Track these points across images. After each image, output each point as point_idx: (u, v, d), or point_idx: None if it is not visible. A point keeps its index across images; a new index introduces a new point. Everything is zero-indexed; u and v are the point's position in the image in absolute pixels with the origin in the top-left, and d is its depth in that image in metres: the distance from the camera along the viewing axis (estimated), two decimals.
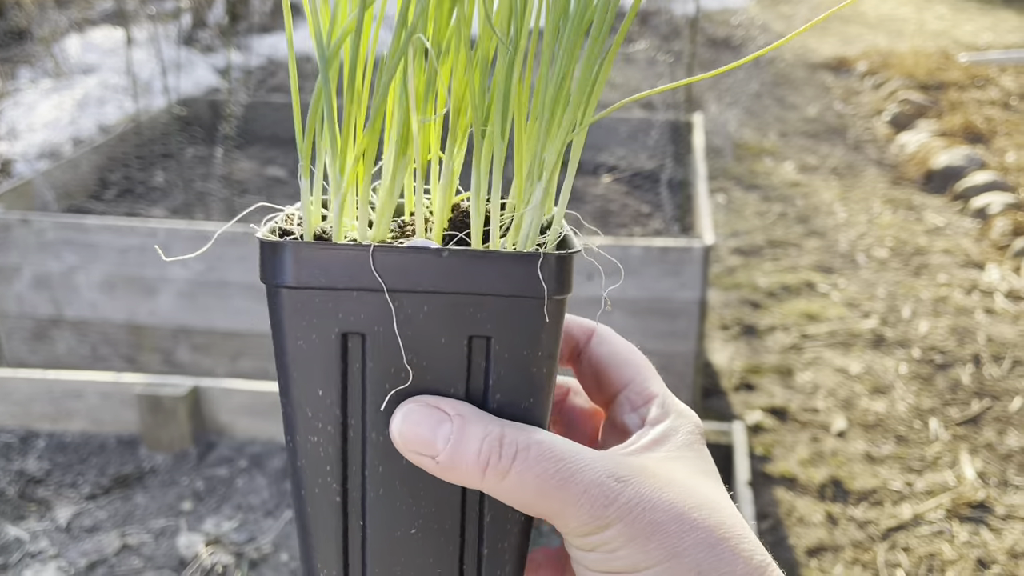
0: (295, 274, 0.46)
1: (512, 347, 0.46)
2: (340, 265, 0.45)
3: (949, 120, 5.91)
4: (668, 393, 0.55)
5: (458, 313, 0.46)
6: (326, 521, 0.50)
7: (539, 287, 0.45)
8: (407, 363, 0.46)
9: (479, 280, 0.45)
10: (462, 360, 0.47)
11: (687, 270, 2.76)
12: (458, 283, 0.45)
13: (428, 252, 0.45)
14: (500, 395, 0.47)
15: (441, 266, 0.45)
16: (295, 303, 0.46)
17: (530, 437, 0.46)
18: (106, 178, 4.03)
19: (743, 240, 4.36)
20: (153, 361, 3.11)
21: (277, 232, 0.50)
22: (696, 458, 0.50)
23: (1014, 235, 4.27)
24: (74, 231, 3.00)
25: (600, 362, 0.57)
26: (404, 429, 0.46)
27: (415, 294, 0.45)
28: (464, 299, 0.45)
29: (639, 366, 0.56)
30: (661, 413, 0.53)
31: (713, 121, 5.71)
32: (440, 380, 0.47)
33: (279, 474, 2.50)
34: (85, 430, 2.66)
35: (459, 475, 0.46)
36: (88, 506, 2.41)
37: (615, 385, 0.56)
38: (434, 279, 0.45)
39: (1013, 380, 3.24)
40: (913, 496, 2.67)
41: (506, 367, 0.47)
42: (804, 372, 3.28)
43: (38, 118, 5.47)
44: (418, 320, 0.46)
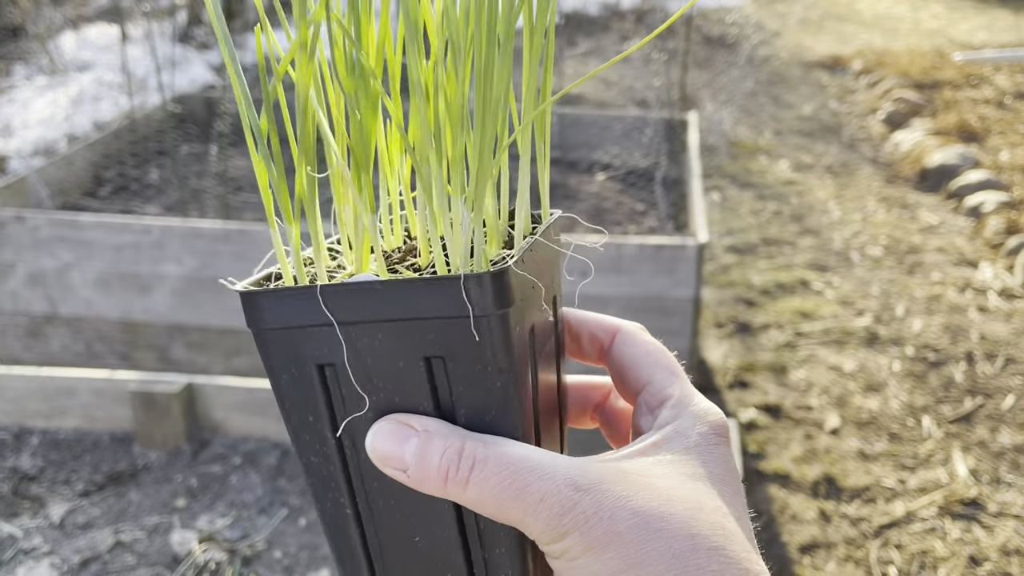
0: (267, 318, 0.51)
1: (463, 365, 0.49)
2: (298, 305, 0.49)
3: (943, 119, 5.93)
4: (689, 394, 0.53)
5: (408, 337, 0.48)
6: (345, 532, 0.54)
7: (464, 306, 0.47)
8: (361, 390, 0.50)
9: (417, 306, 0.48)
10: (424, 379, 0.49)
11: (681, 268, 2.77)
12: (400, 311, 0.48)
13: (368, 285, 0.48)
14: (464, 409, 0.50)
15: (381, 297, 0.48)
16: (272, 342, 0.51)
17: (489, 449, 0.47)
18: (101, 175, 4.03)
19: (737, 238, 4.37)
20: (148, 358, 3.11)
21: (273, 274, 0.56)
22: (694, 461, 0.49)
23: (1008, 233, 4.29)
24: (69, 228, 3.00)
25: (622, 363, 0.57)
26: (376, 446, 0.49)
27: (366, 324, 0.48)
28: (410, 324, 0.48)
29: (657, 367, 0.55)
30: (671, 415, 0.52)
31: (708, 119, 5.72)
32: (410, 399, 0.50)
33: (273, 471, 2.50)
34: (79, 427, 2.66)
35: (428, 487, 0.47)
36: (81, 503, 2.41)
37: (635, 386, 0.56)
38: (378, 309, 0.48)
39: (1006, 378, 3.25)
40: (906, 493, 2.68)
41: (463, 383, 0.49)
42: (798, 370, 3.29)
43: (33, 115, 5.46)
44: (375, 347, 0.49)
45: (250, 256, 2.93)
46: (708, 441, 0.50)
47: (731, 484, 0.49)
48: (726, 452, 0.50)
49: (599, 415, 0.62)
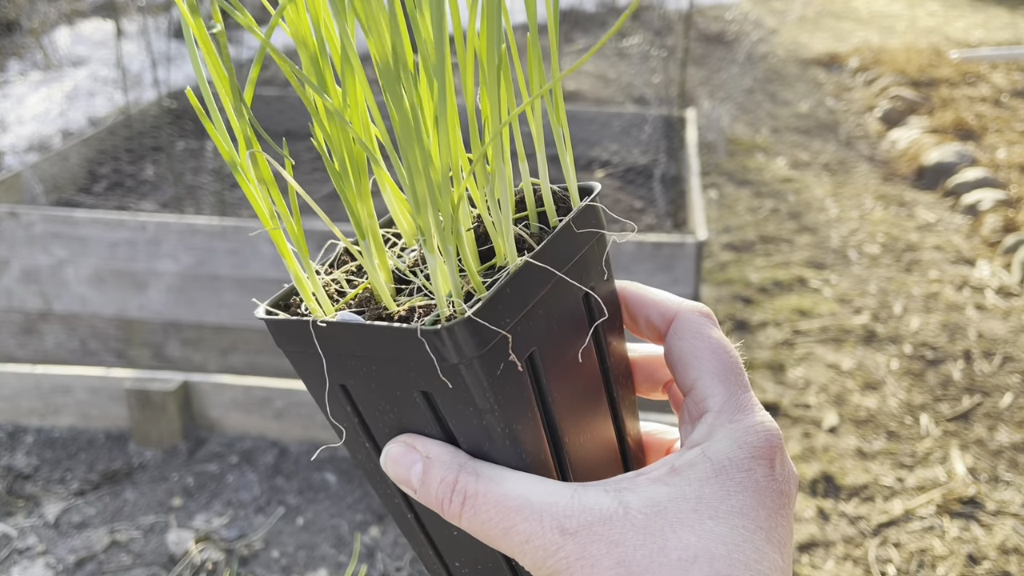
0: (280, 341, 0.52)
1: (448, 403, 0.48)
2: (298, 335, 0.50)
3: (940, 117, 5.93)
4: (732, 407, 0.48)
5: (396, 373, 0.48)
6: (408, 527, 0.57)
7: (427, 357, 0.46)
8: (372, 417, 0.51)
9: (395, 349, 0.47)
10: (425, 408, 0.49)
11: (680, 265, 2.76)
12: (382, 351, 0.48)
13: (349, 325, 0.48)
14: (463, 436, 0.49)
15: (361, 337, 0.48)
16: (296, 362, 0.52)
17: (480, 484, 0.46)
18: (95, 171, 4.00)
19: (735, 236, 4.36)
20: (143, 356, 3.09)
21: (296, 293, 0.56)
22: (716, 495, 0.44)
23: (1005, 231, 4.28)
24: (63, 224, 2.98)
25: (672, 358, 0.52)
26: (388, 466, 0.50)
27: (359, 357, 0.49)
28: (396, 362, 0.48)
29: (704, 370, 0.50)
30: (703, 434, 0.47)
31: (706, 116, 5.71)
32: (415, 422, 0.50)
33: (270, 470, 2.49)
34: (74, 425, 2.64)
35: (432, 509, 0.48)
36: (77, 502, 2.39)
37: (683, 388, 0.51)
38: (365, 347, 0.48)
39: (1003, 376, 3.25)
40: (904, 492, 2.68)
41: (452, 418, 0.49)
42: (796, 368, 3.28)
43: (27, 110, 5.43)
44: (371, 377, 0.49)
45: (246, 252, 2.92)
46: (739, 467, 0.45)
47: (754, 515, 0.44)
48: (762, 475, 0.45)
49: (667, 393, 0.58)
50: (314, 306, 0.53)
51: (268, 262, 2.92)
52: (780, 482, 0.46)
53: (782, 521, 0.45)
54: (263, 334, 3.00)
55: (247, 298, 2.97)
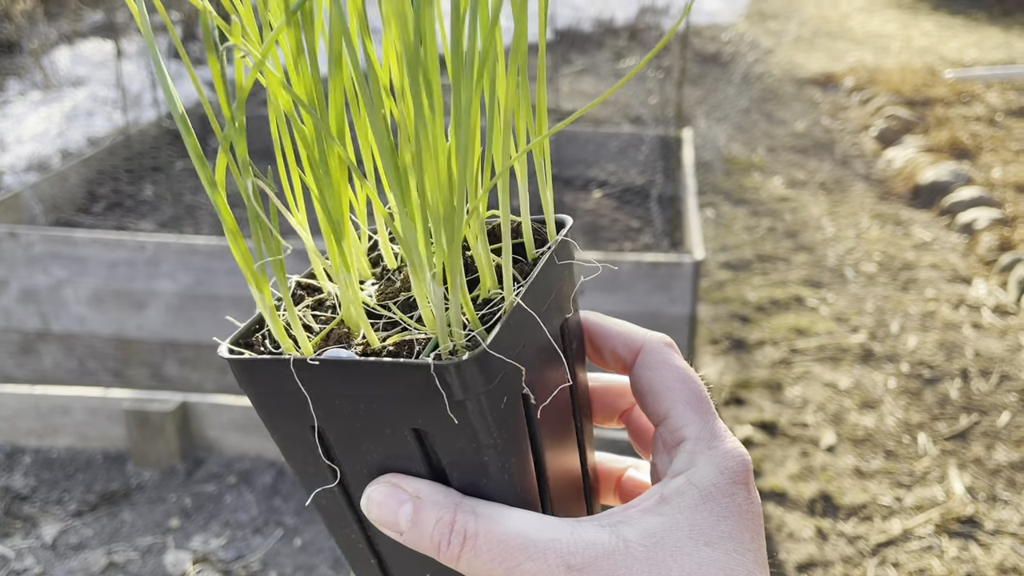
0: (249, 382, 0.49)
1: (445, 440, 0.47)
2: (273, 376, 0.48)
3: (935, 136, 5.96)
4: (707, 435, 0.49)
5: (390, 410, 0.47)
6: (363, 563, 0.55)
7: (437, 393, 0.44)
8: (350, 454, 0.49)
9: (392, 385, 0.45)
10: (414, 446, 0.48)
11: (677, 285, 2.77)
12: (375, 388, 0.46)
13: (341, 363, 0.46)
14: (457, 474, 0.48)
15: (353, 375, 0.46)
16: (261, 405, 0.50)
17: (480, 524, 0.46)
18: (95, 191, 4.02)
19: (732, 255, 4.37)
20: (141, 375, 3.09)
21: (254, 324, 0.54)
22: (706, 521, 0.46)
23: (1000, 250, 4.30)
24: (62, 244, 2.99)
25: (642, 388, 0.53)
26: (371, 509, 0.48)
27: (347, 396, 0.47)
28: (388, 399, 0.46)
29: (676, 399, 0.51)
30: (685, 462, 0.48)
31: (703, 136, 5.74)
32: (401, 461, 0.48)
33: (268, 490, 2.48)
34: (72, 446, 2.64)
35: (423, 552, 0.47)
36: (74, 523, 2.39)
37: (654, 418, 0.52)
38: (356, 385, 0.46)
39: (1001, 395, 3.26)
40: (902, 511, 2.68)
41: (448, 455, 0.48)
42: (793, 387, 3.29)
43: (26, 130, 5.45)
44: (359, 415, 0.47)
45: None
46: (723, 492, 0.47)
47: (741, 539, 0.46)
48: (743, 499, 0.47)
49: (624, 423, 0.59)
50: (287, 343, 0.50)
51: None
52: (755, 504, 0.48)
53: (761, 542, 0.48)
54: None
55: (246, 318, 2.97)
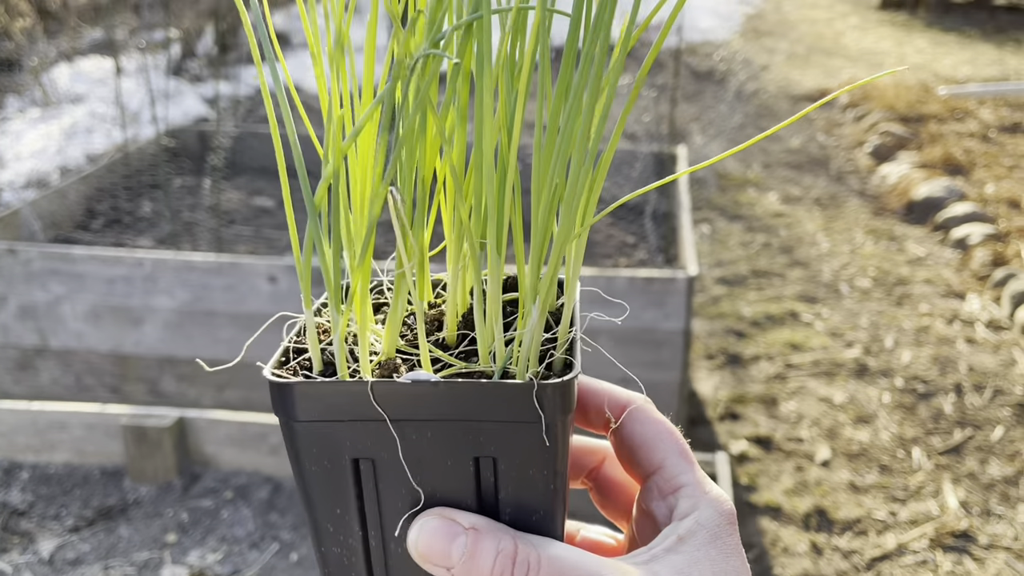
0: (303, 410, 0.48)
1: (517, 467, 0.48)
2: (343, 400, 0.47)
3: (929, 152, 6.01)
4: (699, 480, 0.53)
5: (461, 437, 0.47)
6: None
7: (536, 413, 0.46)
8: (416, 485, 0.49)
9: (477, 408, 0.46)
10: (470, 478, 0.48)
11: (671, 301, 2.79)
12: (457, 411, 0.47)
13: (426, 385, 0.46)
14: (511, 508, 0.49)
15: (439, 396, 0.46)
16: (306, 434, 0.49)
17: (541, 553, 0.46)
18: (93, 208, 4.04)
19: (727, 270, 4.40)
20: (138, 391, 3.10)
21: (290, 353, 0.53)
22: (718, 557, 0.50)
23: (994, 265, 4.33)
24: (60, 261, 3.01)
25: (632, 440, 0.56)
26: (420, 541, 0.48)
27: (417, 422, 0.47)
28: (465, 425, 0.47)
29: (670, 450, 0.55)
30: (689, 506, 0.52)
31: (697, 152, 5.78)
32: (452, 495, 0.49)
33: (264, 505, 2.49)
34: (69, 461, 2.64)
35: None
36: (71, 538, 2.39)
37: (646, 467, 0.55)
38: (433, 408, 0.47)
39: (994, 409, 3.28)
40: (897, 526, 2.69)
41: (514, 484, 0.48)
42: (788, 401, 3.30)
43: (25, 147, 5.48)
44: (423, 444, 0.48)
45: (242, 289, 2.94)
46: (725, 532, 0.51)
47: (743, 572, 0.51)
48: (737, 539, 0.52)
49: (592, 480, 0.62)
50: (344, 371, 0.50)
51: (264, 298, 2.94)
52: (740, 542, 0.53)
53: None
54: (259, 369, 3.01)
55: (243, 334, 2.99)
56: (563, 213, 0.50)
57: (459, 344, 0.54)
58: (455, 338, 0.55)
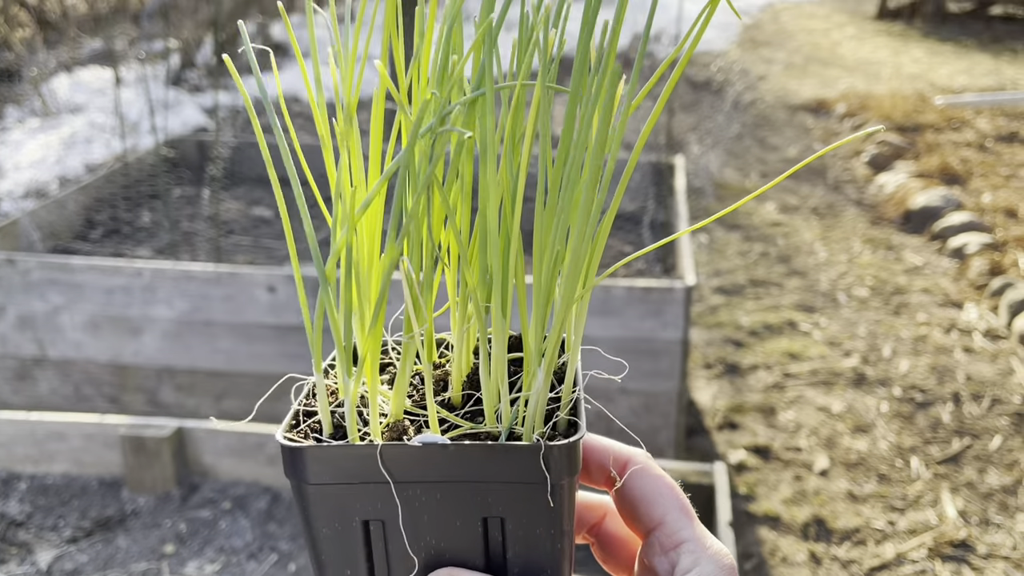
0: (315, 473, 0.49)
1: (525, 526, 0.49)
2: (353, 463, 0.48)
3: (926, 161, 6.02)
4: (700, 535, 0.55)
5: (470, 498, 0.49)
6: None
7: (542, 475, 0.47)
8: (423, 546, 0.50)
9: (486, 470, 0.48)
10: (479, 537, 0.50)
11: (669, 310, 2.79)
12: (466, 473, 0.48)
13: (435, 447, 0.47)
14: (519, 567, 0.50)
15: (448, 458, 0.47)
16: (317, 497, 0.50)
17: None
18: (92, 218, 4.05)
19: (725, 279, 4.41)
20: (136, 401, 3.10)
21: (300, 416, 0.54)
22: None
23: (991, 275, 4.34)
24: (59, 271, 3.01)
25: (634, 496, 0.57)
26: None
27: (427, 484, 0.48)
28: (474, 486, 0.48)
29: (671, 506, 0.56)
30: (690, 562, 0.53)
31: (695, 162, 5.80)
32: (461, 554, 0.50)
33: (263, 516, 2.49)
34: (67, 472, 2.64)
35: None
36: (69, 549, 2.39)
37: (647, 523, 0.56)
38: (443, 471, 0.48)
39: (992, 419, 3.28)
40: (896, 535, 2.69)
41: (522, 543, 0.50)
42: (787, 411, 3.31)
43: (24, 157, 5.49)
44: (432, 505, 0.49)
45: (241, 299, 2.95)
46: None
47: None
48: None
49: (593, 536, 0.63)
50: (355, 433, 0.50)
51: (263, 308, 2.95)
52: None
53: None
54: (257, 379, 3.02)
55: (241, 344, 2.99)
56: (565, 280, 0.52)
57: (465, 404, 0.56)
58: (460, 398, 0.56)
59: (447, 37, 0.52)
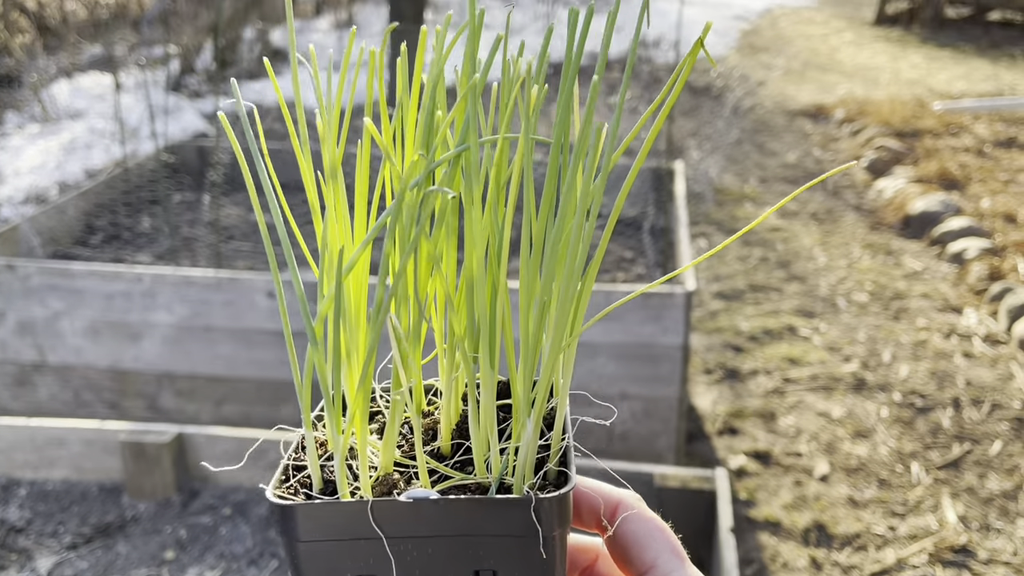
0: (306, 530, 0.49)
1: None
2: (344, 520, 0.48)
3: (925, 167, 6.03)
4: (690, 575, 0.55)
5: (461, 552, 0.49)
6: None
7: (534, 528, 0.47)
8: None
9: (477, 524, 0.48)
10: None
11: (669, 315, 2.79)
12: (457, 527, 0.48)
13: (426, 502, 0.48)
14: None
15: (439, 513, 0.48)
16: (308, 554, 0.50)
17: None
18: (92, 224, 4.05)
19: (725, 285, 4.41)
20: (137, 407, 3.10)
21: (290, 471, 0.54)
22: None
23: (990, 279, 4.35)
24: (59, 277, 3.01)
25: (626, 540, 0.57)
26: None
27: (418, 538, 0.48)
28: (465, 540, 0.48)
29: (663, 548, 0.56)
30: None
31: (694, 167, 5.80)
32: None
33: (263, 522, 2.49)
34: (67, 478, 2.64)
35: None
36: (69, 556, 2.39)
37: (639, 566, 0.56)
38: (433, 525, 0.48)
39: (992, 423, 3.28)
40: (896, 540, 2.69)
41: None
42: (787, 416, 3.30)
43: (25, 163, 5.49)
44: (424, 559, 0.49)
45: (241, 304, 2.95)
46: None
47: None
48: None
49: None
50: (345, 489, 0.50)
51: (263, 314, 2.95)
52: None
53: None
54: (257, 384, 3.02)
55: (241, 349, 2.99)
56: (553, 329, 0.52)
57: (454, 453, 0.56)
58: (450, 448, 0.56)
59: (431, 95, 0.53)
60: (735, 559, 2.06)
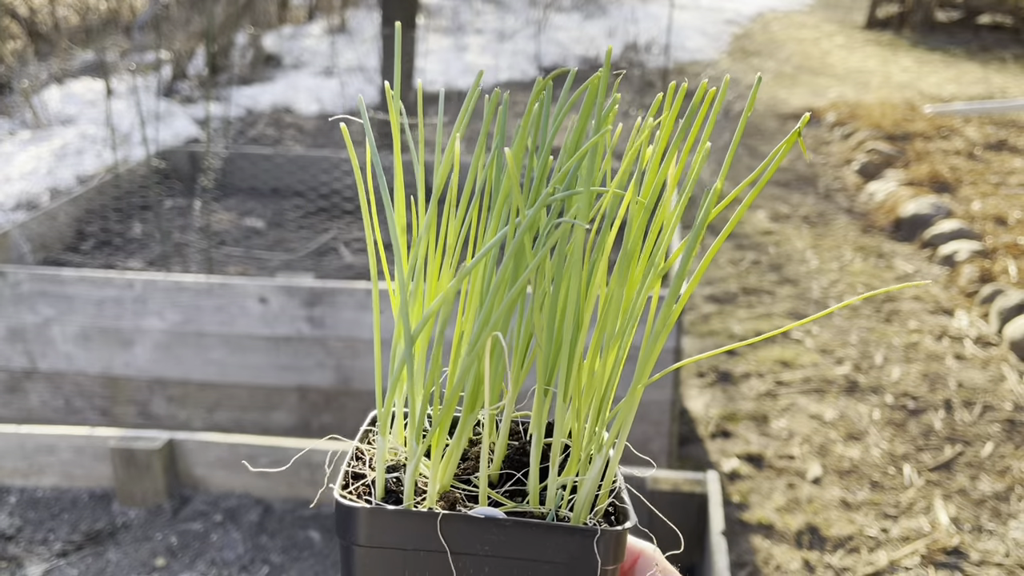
0: (367, 535, 0.49)
1: None
2: (410, 529, 0.49)
3: (916, 169, 6.05)
4: None
5: (517, 574, 0.49)
6: None
7: (593, 560, 0.48)
8: None
9: (537, 549, 0.48)
10: None
11: None
12: (518, 550, 0.49)
13: (493, 522, 0.48)
14: None
15: (504, 535, 0.48)
16: (366, 559, 0.50)
17: None
18: (84, 230, 4.03)
19: (717, 288, 4.41)
20: (128, 413, 3.09)
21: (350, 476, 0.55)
22: None
23: (981, 282, 4.36)
24: (50, 283, 3.00)
25: None
26: None
27: (478, 556, 0.49)
28: (523, 563, 0.49)
29: None
30: None
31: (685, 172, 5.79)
32: None
33: (254, 528, 2.48)
34: (57, 485, 2.63)
35: None
36: (59, 563, 2.37)
37: None
38: (496, 546, 0.48)
39: (984, 425, 3.29)
40: (889, 542, 2.69)
41: None
42: (779, 419, 3.31)
43: (15, 169, 5.48)
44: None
45: (232, 310, 2.94)
46: None
47: None
48: None
49: None
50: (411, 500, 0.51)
51: (254, 319, 2.94)
52: None
53: None
54: (249, 390, 3.01)
55: (233, 355, 2.98)
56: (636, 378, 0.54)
57: (501, 483, 0.57)
58: (498, 477, 0.57)
59: None
60: (727, 562, 2.06)
